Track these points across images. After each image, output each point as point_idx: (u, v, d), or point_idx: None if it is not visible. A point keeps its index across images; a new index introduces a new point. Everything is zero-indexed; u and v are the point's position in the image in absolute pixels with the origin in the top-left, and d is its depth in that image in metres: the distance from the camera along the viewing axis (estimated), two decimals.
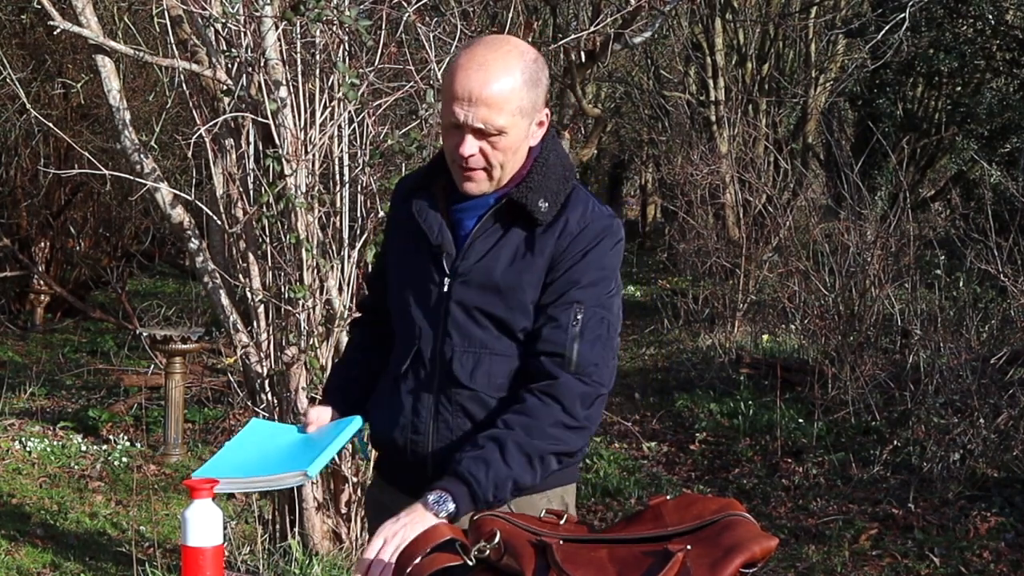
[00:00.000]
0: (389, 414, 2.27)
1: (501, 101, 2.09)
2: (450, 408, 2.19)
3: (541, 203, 2.16)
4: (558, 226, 2.17)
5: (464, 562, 1.94)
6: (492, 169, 2.16)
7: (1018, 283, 7.00)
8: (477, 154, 2.13)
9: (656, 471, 6.80)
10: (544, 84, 2.17)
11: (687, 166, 12.24)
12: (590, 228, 2.17)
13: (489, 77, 2.09)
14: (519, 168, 2.20)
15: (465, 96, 2.09)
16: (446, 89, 2.13)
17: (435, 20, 4.77)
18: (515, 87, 2.11)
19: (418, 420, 2.22)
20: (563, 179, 2.20)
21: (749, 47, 15.24)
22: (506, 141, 2.13)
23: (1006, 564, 5.10)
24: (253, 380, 4.55)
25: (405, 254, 2.29)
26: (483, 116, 2.09)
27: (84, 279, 11.67)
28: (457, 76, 2.10)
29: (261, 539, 4.56)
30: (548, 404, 2.11)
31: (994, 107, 12.55)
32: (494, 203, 2.19)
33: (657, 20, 7.78)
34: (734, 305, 10.81)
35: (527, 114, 2.15)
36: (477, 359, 2.18)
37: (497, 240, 2.18)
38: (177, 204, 4.62)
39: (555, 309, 2.14)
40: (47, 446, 6.86)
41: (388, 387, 2.29)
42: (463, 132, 2.12)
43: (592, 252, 2.16)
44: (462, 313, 2.18)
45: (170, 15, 4.57)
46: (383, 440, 2.30)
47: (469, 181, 2.17)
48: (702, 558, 1.87)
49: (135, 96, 9.13)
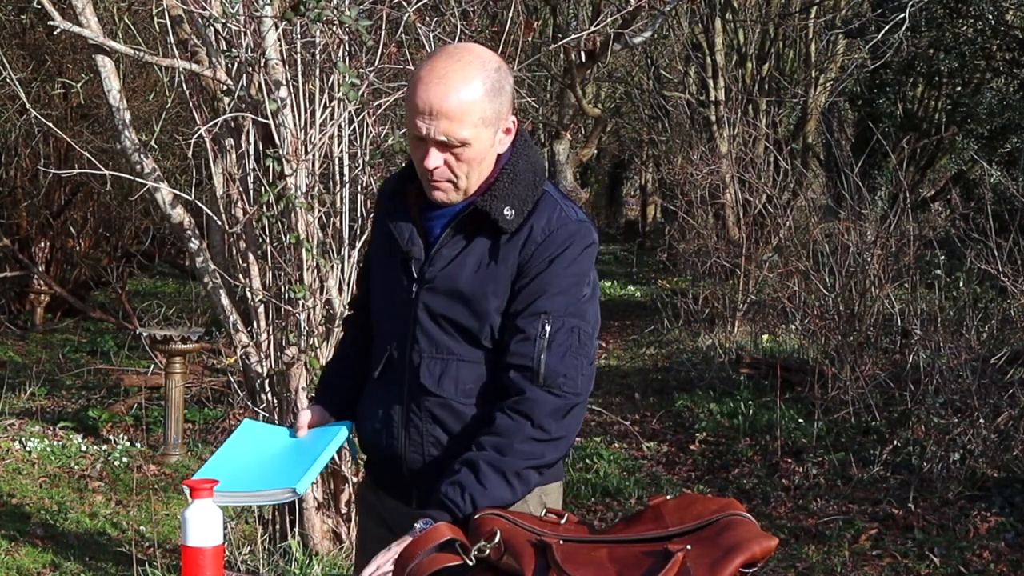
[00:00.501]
0: (368, 417, 2.30)
1: (462, 114, 2.07)
2: (419, 414, 2.20)
3: (507, 211, 2.14)
4: (523, 234, 2.15)
5: (464, 562, 1.94)
6: (458, 180, 2.15)
7: (1018, 283, 6.99)
8: (442, 166, 2.12)
9: (656, 471, 6.80)
10: (508, 92, 2.15)
11: (687, 166, 12.24)
12: (556, 235, 2.14)
13: (449, 90, 2.07)
14: (487, 176, 2.18)
15: (426, 110, 2.07)
16: (409, 102, 2.12)
17: (435, 20, 4.77)
18: (475, 98, 2.08)
19: (391, 425, 2.24)
20: (532, 184, 2.18)
21: (749, 47, 15.24)
22: (470, 153, 2.12)
23: (1006, 564, 5.10)
24: (253, 380, 4.55)
25: (381, 257, 2.31)
26: (444, 129, 2.08)
27: (84, 279, 11.67)
28: (418, 90, 2.08)
29: (261, 539, 4.56)
30: (518, 421, 2.09)
31: (994, 107, 12.55)
32: (461, 211, 2.19)
33: (657, 20, 7.78)
34: (734, 305, 10.81)
35: (491, 124, 2.12)
36: (444, 365, 2.18)
37: (463, 248, 2.17)
38: (177, 204, 4.62)
39: (523, 320, 2.12)
40: (47, 446, 6.85)
41: (368, 390, 2.32)
42: (427, 145, 2.11)
43: (558, 259, 2.13)
44: (429, 319, 2.18)
45: (170, 15, 4.57)
46: (365, 442, 2.33)
47: (437, 191, 2.17)
48: (702, 558, 1.88)
49: (135, 96, 9.13)
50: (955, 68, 12.62)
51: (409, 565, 1.93)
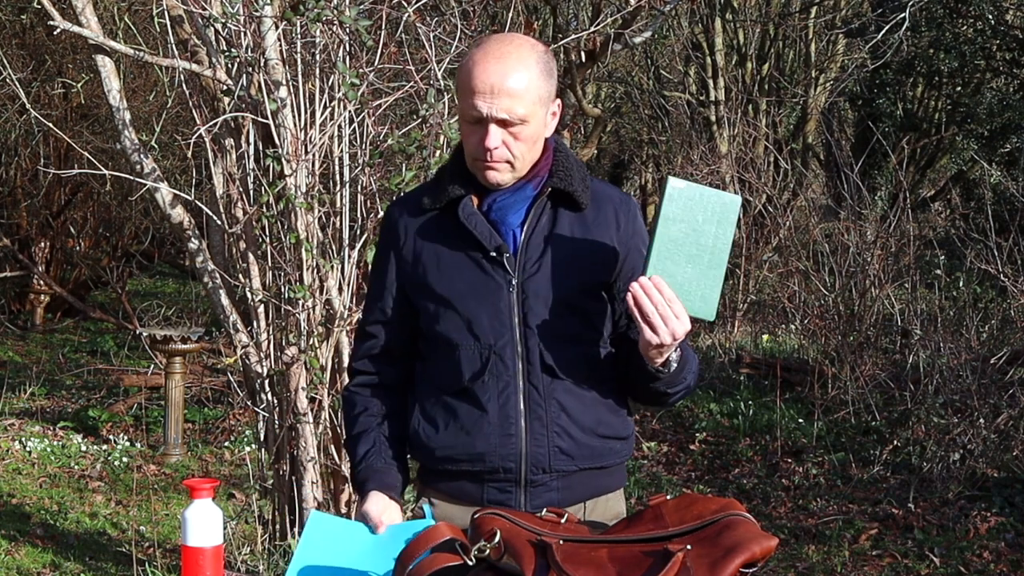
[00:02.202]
0: (462, 428, 2.22)
1: (521, 91, 2.14)
2: (543, 403, 2.20)
3: (579, 186, 2.24)
4: (605, 210, 2.26)
5: (464, 562, 1.94)
6: (515, 160, 2.19)
7: (1018, 283, 6.99)
8: (501, 146, 2.16)
9: (656, 471, 6.80)
10: (555, 76, 2.23)
11: (687, 166, 12.23)
12: (630, 207, 2.29)
13: (508, 68, 2.14)
14: (538, 158, 2.24)
15: (486, 89, 2.13)
16: (464, 86, 2.16)
17: (435, 20, 4.77)
18: (532, 77, 2.16)
19: (507, 422, 2.20)
20: (579, 165, 2.28)
21: (749, 47, 15.23)
22: (527, 131, 2.18)
23: (1006, 564, 5.10)
24: (253, 380, 4.55)
25: (453, 268, 2.25)
26: (506, 106, 2.14)
27: (84, 279, 11.67)
28: (476, 71, 2.14)
29: (261, 539, 4.56)
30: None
31: (994, 107, 12.55)
32: (535, 195, 2.23)
33: (657, 20, 7.78)
34: (734, 305, 10.81)
35: (544, 103, 2.20)
36: (563, 348, 2.21)
37: (550, 231, 2.23)
38: (177, 204, 4.62)
39: None
40: (47, 446, 6.86)
41: (449, 404, 2.25)
42: (485, 125, 2.15)
43: (640, 231, 2.29)
44: (542, 306, 2.21)
45: (170, 15, 4.56)
46: (461, 457, 2.24)
47: (492, 171, 2.20)
48: (702, 558, 1.88)
49: (135, 96, 9.13)
50: (955, 68, 12.62)
51: (409, 565, 1.93)
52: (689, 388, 2.24)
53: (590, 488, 2.26)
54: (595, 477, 2.26)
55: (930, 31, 12.27)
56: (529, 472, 2.21)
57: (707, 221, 2.11)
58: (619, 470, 2.32)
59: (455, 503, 2.27)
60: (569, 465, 2.21)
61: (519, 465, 2.21)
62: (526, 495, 2.21)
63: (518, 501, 2.21)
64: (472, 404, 2.22)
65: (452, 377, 2.24)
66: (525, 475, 2.21)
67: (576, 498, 2.24)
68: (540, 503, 2.19)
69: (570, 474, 2.22)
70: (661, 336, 2.07)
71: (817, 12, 14.99)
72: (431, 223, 2.27)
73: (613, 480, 2.31)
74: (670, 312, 2.07)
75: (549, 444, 2.20)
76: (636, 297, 2.07)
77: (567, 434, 2.20)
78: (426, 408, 2.28)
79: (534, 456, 2.20)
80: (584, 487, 2.25)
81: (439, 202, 2.26)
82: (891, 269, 8.18)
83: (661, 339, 2.08)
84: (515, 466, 2.21)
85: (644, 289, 2.07)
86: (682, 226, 2.10)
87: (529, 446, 2.20)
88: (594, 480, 2.26)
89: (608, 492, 2.30)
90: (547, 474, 2.21)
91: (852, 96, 14.99)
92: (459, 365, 2.23)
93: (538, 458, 2.20)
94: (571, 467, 2.22)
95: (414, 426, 2.29)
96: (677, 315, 2.07)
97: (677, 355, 2.16)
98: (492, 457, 2.21)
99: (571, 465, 2.22)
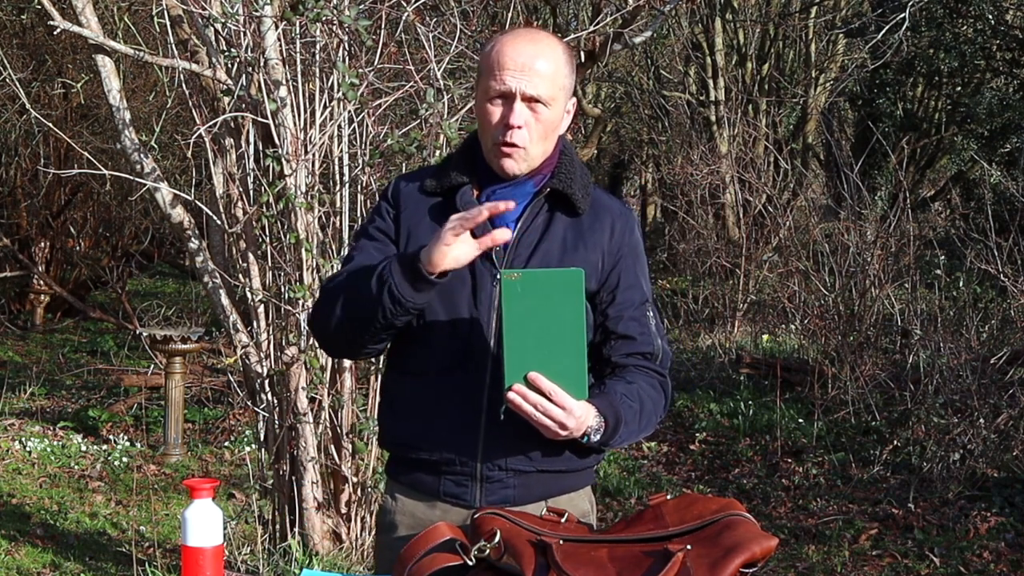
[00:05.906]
0: (423, 415, 2.21)
1: (550, 73, 2.16)
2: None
3: (578, 192, 2.23)
4: (602, 219, 2.24)
5: (464, 562, 1.94)
6: (530, 146, 2.18)
7: (1018, 283, 7.00)
8: (523, 125, 2.16)
9: (656, 471, 6.80)
10: (575, 74, 2.25)
11: (687, 166, 12.23)
12: (628, 220, 2.27)
13: (539, 51, 2.17)
14: (548, 155, 2.24)
15: (516, 66, 2.14)
16: (492, 64, 2.16)
17: (435, 20, 4.77)
18: (560, 64, 2.19)
19: (468, 414, 2.18)
20: (583, 170, 2.27)
21: (749, 47, 15.24)
22: (548, 115, 2.18)
23: (1006, 564, 5.10)
24: (253, 380, 4.55)
25: None
26: (535, 83, 2.15)
27: (84, 279, 11.67)
28: (506, 49, 2.16)
29: (261, 539, 4.56)
30: (661, 395, 2.28)
31: (994, 107, 12.55)
32: (534, 192, 2.23)
33: (657, 20, 7.77)
34: (734, 305, 10.81)
35: (566, 93, 2.21)
36: None
37: (543, 232, 2.22)
38: (177, 204, 4.62)
39: (637, 311, 2.24)
40: (47, 446, 6.86)
41: (414, 389, 2.23)
42: (511, 102, 2.15)
43: (638, 245, 2.28)
44: None
45: (170, 15, 4.56)
46: (420, 444, 2.23)
47: (507, 158, 2.19)
48: (702, 558, 1.87)
49: (135, 96, 9.13)
50: (955, 68, 12.63)
51: (409, 565, 1.93)
52: (636, 436, 2.20)
53: (550, 487, 2.22)
54: (556, 478, 2.22)
55: (930, 31, 12.28)
56: (485, 468, 2.18)
57: (553, 303, 2.00)
58: (586, 472, 2.28)
59: (414, 497, 2.26)
60: (526, 465, 2.18)
61: (475, 459, 2.19)
62: (482, 490, 2.19)
63: (473, 495, 2.19)
64: (437, 392, 2.20)
65: (421, 362, 2.22)
66: (481, 471, 2.19)
67: (534, 497, 2.20)
68: (495, 500, 2.17)
69: (527, 474, 2.19)
70: (553, 434, 2.05)
71: (817, 12, 15.00)
72: (431, 205, 2.26)
73: (579, 479, 2.27)
74: (553, 408, 2.01)
75: (507, 442, 2.17)
76: (515, 404, 2.02)
77: (530, 434, 2.11)
78: (390, 390, 2.29)
79: (491, 452, 2.18)
80: (543, 487, 2.21)
81: (441, 187, 2.26)
82: (891, 269, 8.18)
83: (556, 436, 2.05)
84: (471, 460, 2.19)
85: (519, 394, 2.01)
86: (529, 316, 2.00)
87: (487, 442, 2.18)
88: (555, 481, 2.22)
89: (571, 491, 2.26)
90: (503, 471, 2.18)
91: (852, 96, 15.00)
92: (430, 351, 2.22)
93: (495, 455, 2.17)
94: (528, 467, 2.19)
95: (379, 408, 2.33)
96: (562, 406, 2.01)
97: (598, 423, 2.09)
98: (448, 447, 2.19)
99: (528, 466, 2.19)
